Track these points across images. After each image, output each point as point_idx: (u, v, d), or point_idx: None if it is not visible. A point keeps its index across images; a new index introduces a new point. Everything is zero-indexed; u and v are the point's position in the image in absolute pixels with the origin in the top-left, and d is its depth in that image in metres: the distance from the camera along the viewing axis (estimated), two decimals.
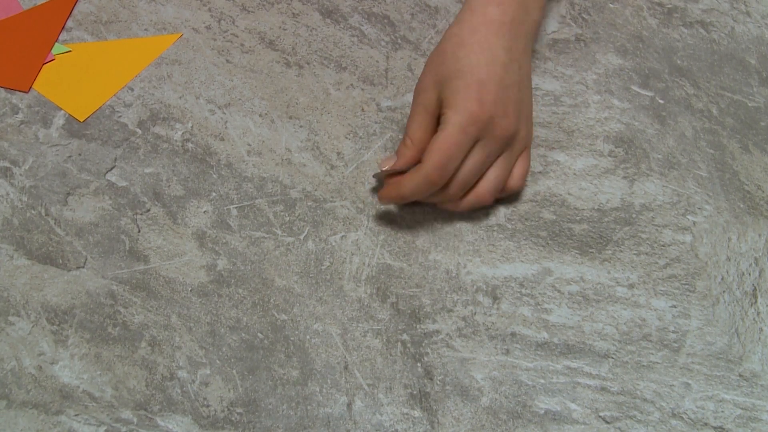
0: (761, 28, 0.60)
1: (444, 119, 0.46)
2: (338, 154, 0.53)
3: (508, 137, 0.47)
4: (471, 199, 0.49)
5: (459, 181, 0.47)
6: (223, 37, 0.57)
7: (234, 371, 0.47)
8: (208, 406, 0.46)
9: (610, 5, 0.60)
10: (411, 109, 0.48)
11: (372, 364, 0.47)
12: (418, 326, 0.48)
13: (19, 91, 0.54)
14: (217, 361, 0.47)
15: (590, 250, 0.51)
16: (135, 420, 0.46)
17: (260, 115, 0.54)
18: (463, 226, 0.51)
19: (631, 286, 0.50)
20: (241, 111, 0.54)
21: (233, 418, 0.46)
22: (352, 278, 0.50)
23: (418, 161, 0.47)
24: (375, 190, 0.52)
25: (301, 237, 0.50)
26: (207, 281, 0.49)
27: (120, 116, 0.54)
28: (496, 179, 0.48)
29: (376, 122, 0.54)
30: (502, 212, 0.52)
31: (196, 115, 0.54)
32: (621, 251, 0.51)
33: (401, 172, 0.48)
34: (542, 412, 0.47)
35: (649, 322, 0.49)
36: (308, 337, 0.48)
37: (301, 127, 0.54)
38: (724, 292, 0.50)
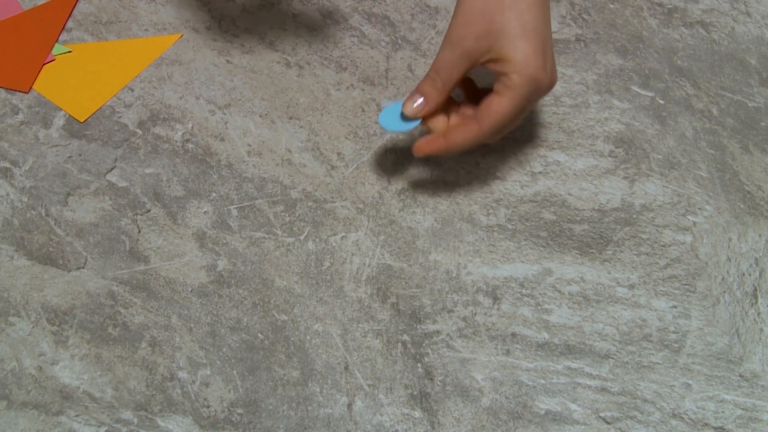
0: (761, 28, 0.60)
1: (510, 84, 0.43)
2: (338, 154, 0.53)
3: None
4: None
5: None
6: (224, 38, 0.57)
7: (234, 372, 0.47)
8: (208, 406, 0.46)
9: (610, 5, 0.60)
10: (446, 53, 0.44)
11: (372, 364, 0.47)
12: (418, 327, 0.48)
13: (20, 91, 0.54)
14: (218, 362, 0.47)
15: (591, 251, 0.51)
16: (135, 420, 0.46)
17: (260, 116, 0.54)
18: (463, 227, 0.51)
19: (632, 287, 0.50)
20: (242, 111, 0.54)
21: (234, 419, 0.46)
22: (352, 279, 0.49)
23: (443, 104, 0.46)
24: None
25: (302, 237, 0.50)
26: (207, 282, 0.49)
27: (120, 117, 0.54)
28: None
29: (376, 122, 0.54)
30: (502, 212, 0.52)
31: (197, 115, 0.54)
32: (621, 251, 0.51)
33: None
34: (543, 412, 0.47)
35: (649, 323, 0.49)
36: (308, 337, 0.48)
37: (301, 127, 0.54)
38: (724, 292, 0.50)
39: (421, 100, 0.46)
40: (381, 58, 0.56)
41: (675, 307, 0.50)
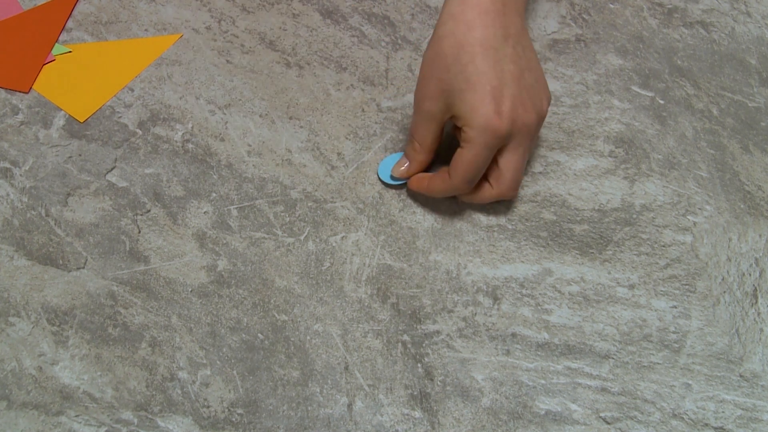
0: (761, 28, 0.60)
1: (465, 137, 0.45)
2: (338, 154, 0.53)
3: (533, 127, 0.46)
4: (495, 193, 0.48)
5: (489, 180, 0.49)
6: (224, 38, 0.57)
7: (234, 372, 0.47)
8: (208, 406, 0.46)
9: (610, 5, 0.60)
10: (415, 116, 0.48)
11: (372, 364, 0.47)
12: (418, 327, 0.48)
13: (20, 91, 0.54)
14: (218, 362, 0.47)
15: (591, 251, 0.51)
16: (135, 421, 0.46)
17: (260, 116, 0.54)
18: (463, 227, 0.51)
19: (632, 287, 0.50)
20: (242, 111, 0.54)
21: (234, 419, 0.46)
22: (352, 279, 0.49)
23: (430, 161, 0.50)
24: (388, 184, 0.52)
25: (302, 238, 0.50)
26: (207, 282, 0.49)
27: (120, 117, 0.54)
28: (518, 171, 0.48)
29: (376, 122, 0.54)
30: (502, 213, 0.52)
31: (197, 115, 0.54)
32: (621, 252, 0.51)
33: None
34: (543, 412, 0.47)
35: (649, 323, 0.49)
36: (309, 337, 0.48)
37: (301, 127, 0.54)
38: (724, 292, 0.50)
39: (406, 163, 0.50)
40: (381, 58, 0.56)
41: (675, 307, 0.50)
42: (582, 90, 0.56)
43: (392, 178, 0.51)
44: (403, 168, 0.50)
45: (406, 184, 0.52)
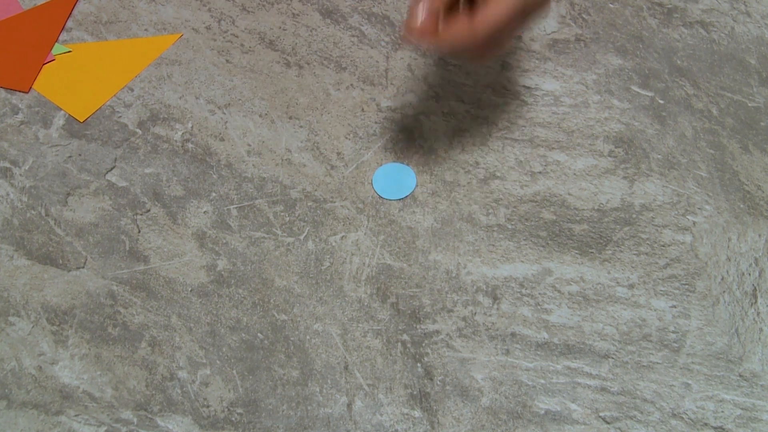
0: (761, 28, 0.60)
1: None
2: (338, 154, 0.53)
3: None
4: (467, 28, 0.42)
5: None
6: (223, 38, 0.57)
7: (234, 371, 0.47)
8: (208, 406, 0.46)
9: (610, 5, 0.60)
10: None
11: (372, 364, 0.47)
12: (418, 326, 0.48)
13: (19, 91, 0.54)
14: (218, 362, 0.47)
15: (590, 251, 0.51)
16: (135, 420, 0.46)
17: (260, 116, 0.54)
18: (463, 227, 0.51)
19: (631, 287, 0.50)
20: (241, 111, 0.54)
21: (233, 419, 0.46)
22: (352, 278, 0.50)
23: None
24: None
25: (301, 237, 0.50)
26: (207, 281, 0.49)
27: (120, 116, 0.54)
28: (501, 14, 0.43)
29: (376, 122, 0.54)
30: (502, 212, 0.52)
31: (196, 115, 0.54)
32: (621, 251, 0.51)
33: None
34: (542, 412, 0.47)
35: (649, 323, 0.49)
36: (308, 337, 0.48)
37: (301, 127, 0.54)
38: (724, 292, 0.50)
39: (420, 15, 0.42)
40: (381, 58, 0.56)
41: (675, 306, 0.50)
42: (582, 90, 0.56)
43: (396, 183, 0.50)
44: (421, 14, 0.42)
45: (404, 195, 0.51)
